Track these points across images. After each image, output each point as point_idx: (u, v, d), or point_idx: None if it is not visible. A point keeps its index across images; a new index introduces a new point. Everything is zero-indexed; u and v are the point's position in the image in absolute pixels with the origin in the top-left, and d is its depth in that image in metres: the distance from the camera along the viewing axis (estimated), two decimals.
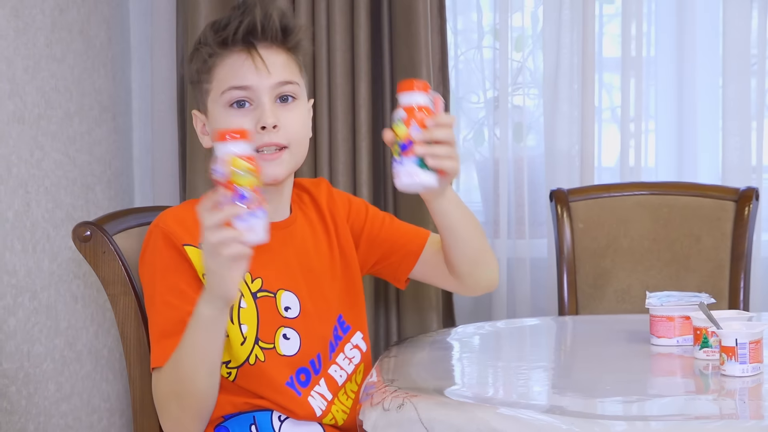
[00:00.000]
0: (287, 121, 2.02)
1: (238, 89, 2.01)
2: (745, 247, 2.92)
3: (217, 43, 2.02)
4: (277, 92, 2.03)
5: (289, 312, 2.06)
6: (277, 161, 2.02)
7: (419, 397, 1.79)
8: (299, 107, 2.06)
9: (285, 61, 2.04)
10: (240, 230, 1.77)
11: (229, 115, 2.02)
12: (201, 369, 1.90)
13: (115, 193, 3.28)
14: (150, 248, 2.01)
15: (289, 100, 2.04)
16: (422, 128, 1.88)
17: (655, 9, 3.38)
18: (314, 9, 3.20)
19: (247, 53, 2.01)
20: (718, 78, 3.33)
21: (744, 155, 3.27)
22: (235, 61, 2.02)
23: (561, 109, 3.32)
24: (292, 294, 2.07)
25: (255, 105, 2.02)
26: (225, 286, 1.81)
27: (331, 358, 2.10)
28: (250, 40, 2.02)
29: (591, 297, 3.00)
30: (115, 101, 3.30)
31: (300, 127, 2.05)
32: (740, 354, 1.90)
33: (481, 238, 2.13)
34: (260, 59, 2.01)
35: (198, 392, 1.92)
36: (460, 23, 3.48)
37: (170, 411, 1.96)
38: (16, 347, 2.71)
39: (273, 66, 2.02)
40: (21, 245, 2.74)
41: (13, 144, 2.71)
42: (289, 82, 2.04)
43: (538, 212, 3.40)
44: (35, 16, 2.83)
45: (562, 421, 1.66)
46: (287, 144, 2.02)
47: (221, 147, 1.78)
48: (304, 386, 2.05)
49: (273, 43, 2.03)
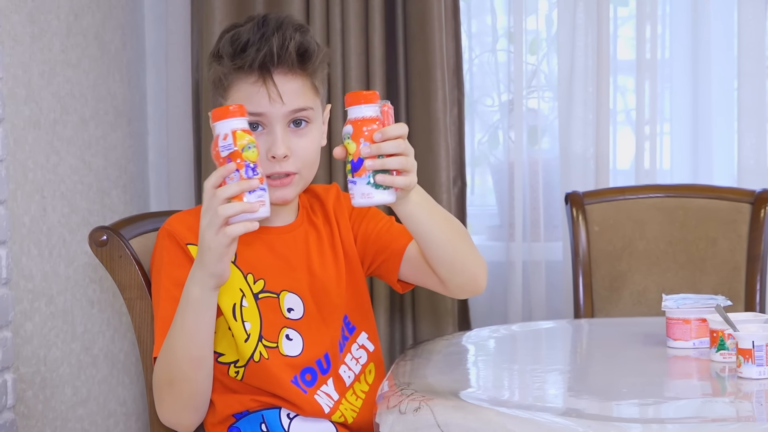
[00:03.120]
0: (298, 148, 2.02)
1: (251, 115, 1.99)
2: (761, 250, 2.91)
3: (233, 67, 2.01)
4: (290, 118, 2.02)
5: (292, 313, 2.07)
6: (287, 187, 2.02)
7: (435, 400, 1.79)
8: (312, 131, 2.05)
9: (300, 87, 2.02)
10: (251, 203, 1.77)
11: None
12: (190, 352, 1.91)
13: (131, 197, 3.29)
14: (157, 247, 2.06)
15: (302, 124, 2.03)
16: (371, 143, 1.82)
17: (670, 11, 3.37)
18: (329, 12, 3.20)
19: (263, 82, 1.99)
20: (733, 80, 3.32)
21: (760, 157, 3.27)
22: (249, 88, 2.00)
23: (576, 112, 3.32)
24: (296, 296, 2.08)
25: (267, 130, 2.01)
26: (221, 263, 1.82)
27: (341, 358, 2.10)
28: (266, 68, 2.00)
29: (607, 300, 2.99)
30: (130, 106, 3.31)
31: (311, 152, 2.05)
32: (757, 356, 1.90)
33: (458, 241, 2.06)
34: (275, 89, 1.99)
35: (188, 377, 1.94)
36: (474, 26, 3.48)
37: (163, 399, 1.98)
38: (32, 352, 2.72)
39: (287, 94, 2.00)
40: (37, 250, 2.75)
41: (29, 149, 2.72)
42: (303, 108, 2.02)
43: (553, 215, 3.40)
44: (51, 21, 2.84)
45: (578, 423, 1.66)
46: (297, 171, 2.03)
47: (226, 123, 1.79)
48: (310, 386, 2.06)
49: (290, 69, 2.01)
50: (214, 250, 1.80)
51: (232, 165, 1.78)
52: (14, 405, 2.60)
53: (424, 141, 3.18)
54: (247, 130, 1.79)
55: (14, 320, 2.62)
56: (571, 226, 3.00)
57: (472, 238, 3.39)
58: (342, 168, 3.21)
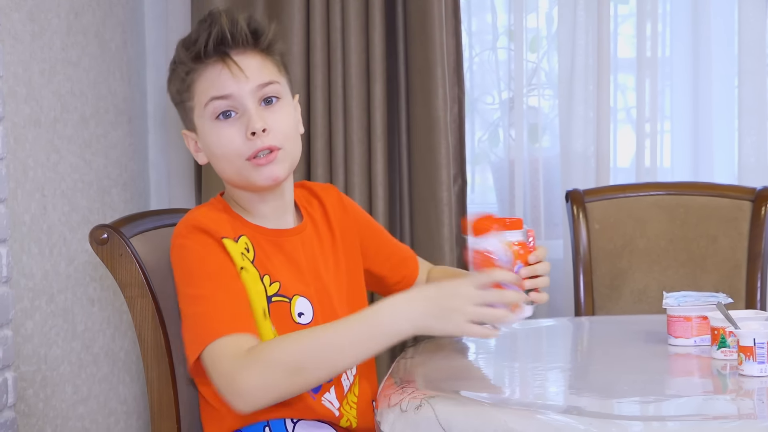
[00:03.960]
0: (275, 123, 2.02)
1: (219, 99, 2.00)
2: (762, 247, 2.91)
3: (191, 59, 2.03)
4: (259, 95, 2.02)
5: (303, 318, 2.06)
6: (273, 162, 2.01)
7: (437, 398, 1.79)
8: (284, 106, 2.06)
9: (260, 63, 2.04)
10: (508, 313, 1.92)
11: (217, 127, 2.02)
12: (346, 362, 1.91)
13: (131, 195, 3.29)
14: (186, 245, 1.99)
15: (273, 101, 2.04)
16: (525, 264, 1.97)
17: (670, 9, 3.37)
18: (329, 10, 3.20)
19: (222, 63, 2.01)
20: (733, 77, 3.32)
21: (760, 154, 3.27)
22: (211, 72, 2.02)
23: (576, 110, 3.32)
24: (306, 300, 2.07)
25: (240, 112, 2.01)
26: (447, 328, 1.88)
27: None
28: (222, 50, 2.02)
29: (607, 297, 2.99)
30: (130, 104, 3.31)
31: (289, 126, 2.05)
32: (758, 354, 1.89)
33: None
34: (236, 66, 2.00)
35: (318, 377, 1.90)
36: (474, 24, 3.48)
37: (276, 382, 1.87)
38: (33, 350, 2.72)
39: (249, 70, 2.01)
40: (38, 248, 2.75)
41: (29, 147, 2.72)
42: (269, 83, 2.03)
43: (553, 213, 3.40)
44: (51, 20, 2.84)
45: (579, 421, 1.66)
46: (280, 146, 2.02)
47: (502, 234, 1.94)
48: (315, 392, 2.05)
49: (246, 48, 2.03)
50: (448, 321, 1.87)
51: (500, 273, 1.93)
52: (15, 403, 2.60)
53: (424, 139, 3.18)
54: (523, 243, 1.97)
55: (15, 319, 2.62)
56: (571, 223, 3.00)
57: None
58: (342, 163, 3.20)
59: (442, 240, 3.18)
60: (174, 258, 2.02)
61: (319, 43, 3.20)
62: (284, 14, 3.21)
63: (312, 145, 3.21)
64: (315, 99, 3.21)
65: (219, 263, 1.96)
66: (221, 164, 2.04)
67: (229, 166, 2.02)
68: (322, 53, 3.20)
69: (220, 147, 2.02)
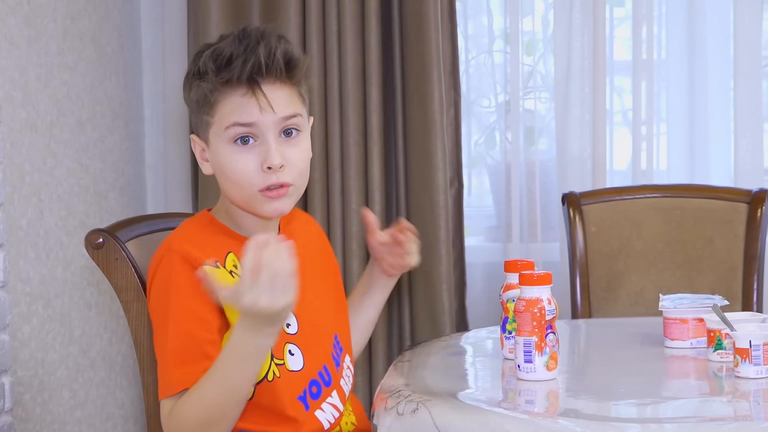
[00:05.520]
0: (292, 158, 2.00)
1: (242, 126, 1.98)
2: (758, 249, 2.91)
3: (221, 82, 1.99)
4: (281, 127, 2.00)
5: (290, 328, 2.06)
6: (283, 197, 2.01)
7: (433, 401, 1.79)
8: (303, 140, 2.04)
9: (288, 95, 2.01)
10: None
11: (233, 152, 2.00)
12: (242, 393, 1.91)
13: (128, 200, 3.29)
14: (162, 270, 1.98)
15: (293, 133, 2.02)
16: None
17: (666, 11, 3.38)
18: (325, 14, 3.20)
19: (251, 92, 1.98)
20: (729, 80, 3.32)
21: (756, 157, 3.27)
22: (239, 99, 1.98)
23: (572, 113, 3.32)
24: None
25: (260, 141, 1.99)
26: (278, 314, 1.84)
27: (338, 370, 2.10)
28: (254, 78, 1.98)
29: (604, 300, 2.99)
30: (127, 109, 3.31)
31: (304, 161, 2.04)
32: (754, 356, 1.90)
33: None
34: (264, 98, 1.97)
35: (231, 415, 1.92)
36: (470, 27, 3.48)
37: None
38: (30, 355, 2.71)
39: (276, 102, 1.98)
40: (34, 253, 2.75)
41: (26, 152, 2.72)
42: (293, 116, 2.01)
43: (550, 216, 3.40)
44: (47, 24, 2.84)
45: (576, 424, 1.66)
46: (292, 182, 2.01)
47: (533, 289, 1.96)
48: (315, 398, 2.04)
49: (277, 79, 2.00)
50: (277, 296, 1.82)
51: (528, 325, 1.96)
52: (12, 408, 2.60)
53: (420, 142, 3.18)
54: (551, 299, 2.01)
55: (12, 323, 2.62)
56: (568, 226, 3.00)
57: (470, 239, 3.43)
58: (339, 167, 3.21)
59: (438, 243, 3.18)
60: (149, 278, 2.02)
61: (315, 46, 3.20)
62: (280, 17, 3.21)
63: None
64: (311, 103, 3.20)
65: (186, 302, 1.95)
66: (231, 188, 2.02)
67: (238, 192, 2.01)
68: (318, 57, 3.21)
69: (233, 172, 2.00)
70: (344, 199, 3.22)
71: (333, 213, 3.22)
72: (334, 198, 3.22)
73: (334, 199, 3.22)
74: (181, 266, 1.96)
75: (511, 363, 2.05)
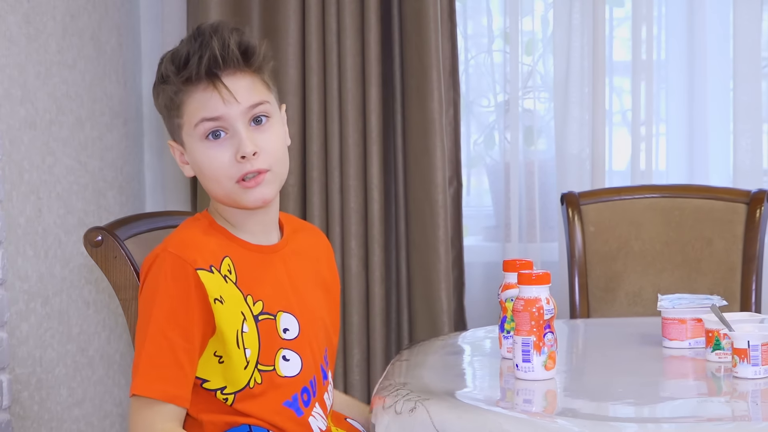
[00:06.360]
0: (265, 144, 2.01)
1: (210, 120, 1.99)
2: (756, 250, 2.91)
3: (181, 82, 2.01)
4: (249, 116, 2.01)
5: (288, 333, 2.05)
6: (262, 184, 2.00)
7: (431, 400, 1.79)
8: (274, 125, 2.05)
9: (250, 83, 2.02)
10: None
11: (207, 148, 2.01)
12: None
13: (127, 198, 3.29)
14: (155, 270, 1.98)
15: (263, 121, 2.02)
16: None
17: (666, 12, 3.38)
18: (324, 13, 3.20)
19: (213, 86, 1.99)
20: (728, 81, 3.33)
21: (755, 157, 3.27)
22: (201, 95, 1.99)
23: (572, 113, 3.32)
24: (291, 315, 2.06)
25: (231, 134, 2.00)
26: None
27: (324, 383, 2.09)
28: (213, 72, 2.00)
29: (602, 300, 2.99)
30: (126, 107, 3.31)
31: (278, 146, 2.04)
32: (752, 356, 1.90)
33: None
34: (226, 90, 1.99)
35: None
36: (470, 27, 3.48)
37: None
38: (28, 353, 2.71)
39: (239, 92, 1.99)
40: (33, 251, 2.74)
41: (24, 150, 2.72)
42: (258, 103, 2.01)
43: (549, 216, 3.40)
44: (46, 22, 2.84)
45: (574, 423, 1.66)
46: (268, 168, 2.01)
47: (531, 288, 1.95)
48: (307, 405, 2.04)
49: (236, 69, 2.01)
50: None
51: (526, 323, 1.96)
52: (10, 406, 2.60)
53: (420, 142, 3.19)
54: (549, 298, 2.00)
55: (10, 321, 2.62)
56: (566, 226, 3.00)
57: (469, 239, 3.43)
58: (338, 166, 3.21)
59: (437, 242, 3.19)
60: (141, 279, 2.02)
61: (314, 45, 3.20)
62: (280, 17, 3.21)
63: (308, 147, 3.21)
64: (311, 102, 3.21)
65: (170, 305, 1.94)
66: (210, 184, 2.03)
67: (217, 187, 2.02)
68: (318, 56, 3.21)
69: (209, 168, 2.01)
70: (343, 198, 3.22)
71: (332, 212, 3.22)
72: (333, 197, 3.22)
73: (333, 198, 3.22)
74: (173, 268, 1.95)
75: (509, 362, 2.05)
